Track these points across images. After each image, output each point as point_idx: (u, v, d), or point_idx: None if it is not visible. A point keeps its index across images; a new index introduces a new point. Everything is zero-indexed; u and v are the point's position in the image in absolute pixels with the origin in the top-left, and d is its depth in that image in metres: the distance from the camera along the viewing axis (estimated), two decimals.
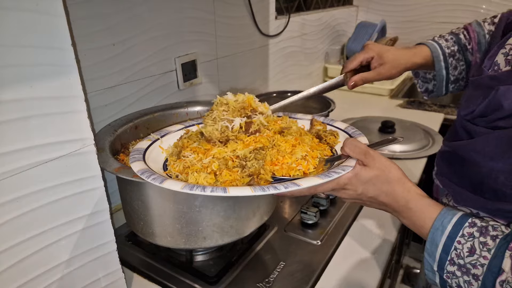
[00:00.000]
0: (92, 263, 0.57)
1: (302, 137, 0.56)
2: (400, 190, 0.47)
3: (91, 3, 0.71)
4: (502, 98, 0.46)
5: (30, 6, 0.40)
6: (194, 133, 0.60)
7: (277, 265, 0.69)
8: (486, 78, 0.49)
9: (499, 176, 0.48)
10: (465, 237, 0.42)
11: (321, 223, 0.81)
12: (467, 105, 0.52)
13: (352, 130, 0.60)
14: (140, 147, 0.56)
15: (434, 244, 0.44)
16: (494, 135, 0.48)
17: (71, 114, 0.48)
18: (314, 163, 0.51)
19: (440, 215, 0.44)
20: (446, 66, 0.74)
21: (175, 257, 0.72)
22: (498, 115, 0.47)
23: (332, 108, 1.09)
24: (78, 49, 0.70)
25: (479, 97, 0.50)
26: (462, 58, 0.75)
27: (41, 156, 0.46)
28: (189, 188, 0.42)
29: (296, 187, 0.43)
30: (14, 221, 0.46)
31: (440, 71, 0.75)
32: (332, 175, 0.45)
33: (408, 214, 0.47)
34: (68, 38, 0.44)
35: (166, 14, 0.89)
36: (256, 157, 0.50)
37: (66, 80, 0.46)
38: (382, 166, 0.47)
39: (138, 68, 0.85)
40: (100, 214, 0.56)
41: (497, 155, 0.48)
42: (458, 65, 0.75)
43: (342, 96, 1.72)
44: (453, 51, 0.74)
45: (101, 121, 0.78)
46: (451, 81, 0.76)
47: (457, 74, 0.76)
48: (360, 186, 0.48)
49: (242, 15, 1.17)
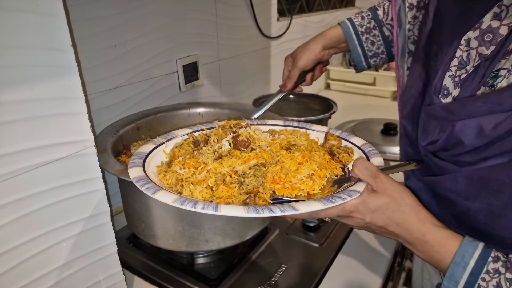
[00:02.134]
0: (92, 266, 0.57)
1: (312, 154, 0.52)
2: (414, 221, 0.43)
3: (93, 4, 0.71)
4: (460, 134, 0.43)
5: (30, 7, 0.40)
6: (186, 142, 0.58)
7: (279, 268, 0.69)
8: (438, 108, 0.46)
9: (478, 216, 0.45)
10: (490, 273, 0.39)
11: (323, 226, 0.80)
12: (425, 135, 0.49)
13: (369, 149, 0.55)
14: (142, 151, 0.54)
15: (454, 280, 0.40)
16: (463, 175, 0.45)
17: (72, 116, 0.48)
18: (320, 183, 0.47)
19: (460, 248, 0.41)
20: (360, 44, 0.78)
21: (176, 259, 0.71)
22: (460, 150, 0.44)
23: (334, 110, 1.08)
24: (80, 50, 0.70)
25: (436, 127, 0.47)
26: (379, 34, 0.77)
27: (41, 158, 0.46)
28: (180, 203, 0.41)
29: (294, 211, 0.40)
30: (14, 223, 0.45)
31: (354, 48, 0.78)
32: (336, 201, 0.41)
33: (425, 247, 0.43)
34: (68, 39, 0.44)
35: (167, 16, 0.89)
36: (255, 173, 0.47)
37: (67, 82, 0.46)
38: (393, 192, 0.43)
39: (139, 69, 0.85)
40: (101, 216, 0.56)
41: (470, 195, 0.45)
42: (375, 40, 0.77)
43: (344, 98, 1.72)
44: (368, 28, 0.77)
45: (103, 123, 0.78)
46: (370, 56, 0.79)
47: (375, 49, 0.78)
48: (368, 214, 0.43)
49: (244, 16, 1.17)
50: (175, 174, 0.48)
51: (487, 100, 0.40)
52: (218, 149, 0.52)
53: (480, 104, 0.41)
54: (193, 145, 0.56)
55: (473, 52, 0.43)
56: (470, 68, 0.44)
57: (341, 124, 1.36)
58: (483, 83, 0.42)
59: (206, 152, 0.51)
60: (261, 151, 0.51)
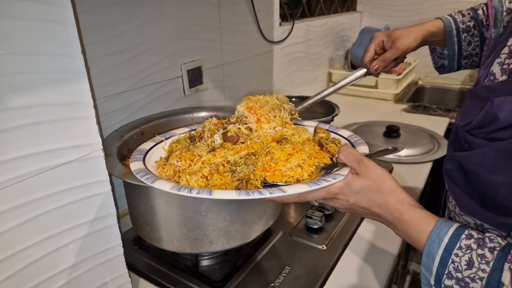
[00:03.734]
0: (99, 267, 0.58)
1: (303, 146, 0.55)
2: (393, 201, 0.46)
3: (100, 11, 0.73)
4: (497, 109, 0.45)
5: (42, 16, 0.42)
6: (183, 138, 0.61)
7: (282, 270, 0.69)
8: (482, 89, 0.48)
9: (500, 189, 0.47)
10: (462, 249, 0.41)
11: (327, 228, 0.81)
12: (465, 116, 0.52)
13: (355, 139, 0.59)
14: (143, 148, 0.58)
15: (431, 257, 0.43)
16: (492, 147, 0.47)
17: (80, 120, 0.49)
18: (309, 170, 0.51)
19: (435, 227, 0.43)
20: (458, 41, 0.74)
21: (181, 261, 0.72)
22: (494, 127, 0.46)
23: (337, 113, 1.09)
24: (88, 56, 0.72)
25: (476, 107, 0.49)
26: (478, 34, 0.74)
27: (50, 161, 0.47)
28: (177, 189, 0.43)
29: (282, 193, 0.43)
30: (24, 225, 0.46)
31: (452, 45, 0.75)
32: (321, 183, 0.45)
33: (403, 226, 0.46)
34: (78, 46, 0.46)
35: (172, 22, 0.90)
36: (246, 162, 0.50)
37: (76, 87, 0.47)
38: (375, 176, 0.46)
39: (145, 74, 0.86)
40: (108, 218, 0.57)
41: (496, 167, 0.47)
42: (472, 40, 0.74)
43: (347, 101, 1.72)
44: (468, 27, 0.73)
45: (109, 127, 0.79)
46: (464, 56, 0.76)
47: (471, 49, 0.75)
48: (352, 196, 0.47)
49: (247, 21, 1.18)
50: (173, 166, 0.52)
51: None
52: (211, 143, 0.55)
53: None
54: (190, 140, 0.59)
55: None
56: None
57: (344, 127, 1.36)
58: None
59: (201, 146, 0.55)
60: (252, 143, 0.54)
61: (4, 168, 0.43)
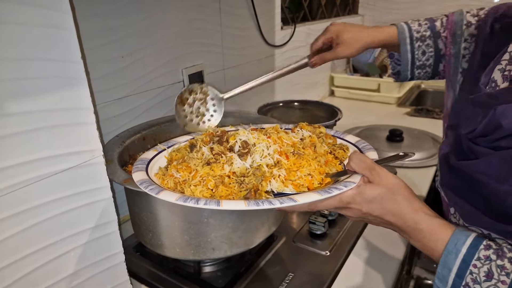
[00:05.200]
0: (100, 275, 0.57)
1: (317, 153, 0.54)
2: (408, 210, 0.44)
3: (101, 16, 0.73)
4: (500, 117, 0.44)
5: (42, 20, 0.41)
6: (183, 146, 0.60)
7: (286, 276, 0.68)
8: (484, 96, 0.48)
9: (507, 198, 0.46)
10: (481, 260, 0.40)
11: (330, 234, 0.80)
12: (468, 124, 0.51)
13: (363, 144, 0.58)
14: (145, 157, 0.57)
15: (447, 267, 0.41)
16: (497, 156, 0.46)
17: (81, 126, 0.49)
18: (319, 178, 0.49)
19: (453, 236, 0.42)
20: (411, 50, 0.74)
21: (183, 268, 0.71)
22: (498, 135, 0.45)
23: (339, 117, 1.08)
24: (88, 61, 0.72)
25: (479, 115, 0.48)
26: (432, 45, 0.74)
27: (51, 168, 0.47)
28: (183, 200, 0.42)
29: (293, 202, 0.42)
30: (24, 233, 0.46)
31: (405, 53, 0.75)
32: (332, 191, 0.43)
33: (418, 235, 0.44)
34: (78, 51, 0.45)
35: (173, 26, 0.90)
36: (254, 173, 0.48)
37: (76, 92, 0.47)
38: (388, 183, 0.45)
39: (146, 79, 0.86)
40: (109, 225, 0.56)
41: (501, 176, 0.46)
42: (426, 50, 0.74)
43: (349, 105, 1.72)
44: (423, 36, 0.73)
45: (110, 132, 0.79)
46: (417, 66, 0.76)
47: (425, 60, 0.75)
48: (365, 204, 0.45)
49: (248, 26, 1.18)
50: (172, 177, 0.50)
51: None
52: (201, 156, 0.53)
53: None
54: (190, 149, 0.58)
55: None
56: None
57: (346, 131, 1.36)
58: None
59: (194, 158, 0.53)
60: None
61: (4, 175, 0.42)
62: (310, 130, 0.60)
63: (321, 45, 0.78)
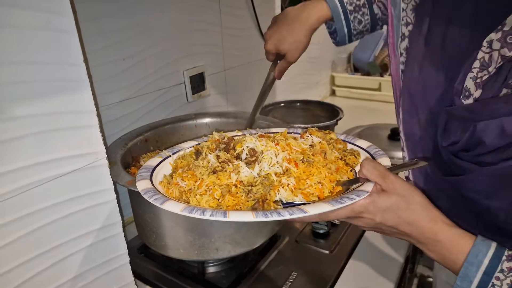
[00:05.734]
0: (105, 277, 0.57)
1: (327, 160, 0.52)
2: (425, 220, 0.42)
3: (102, 19, 0.73)
4: (482, 134, 0.43)
5: (42, 24, 0.42)
6: (188, 153, 0.57)
7: (289, 275, 0.68)
8: (460, 109, 0.46)
9: (499, 214, 0.45)
10: (504, 272, 0.38)
11: (333, 233, 0.80)
12: (447, 136, 0.49)
13: (375, 150, 0.55)
14: (150, 165, 0.55)
15: (467, 280, 0.40)
16: (483, 173, 0.44)
17: (84, 129, 0.49)
18: (330, 187, 0.47)
19: (474, 247, 0.40)
20: (347, 24, 0.75)
21: (187, 269, 0.71)
22: (481, 150, 0.44)
23: (341, 117, 1.08)
24: (90, 64, 0.72)
25: (457, 128, 0.47)
26: (368, 12, 0.74)
27: (54, 171, 0.47)
28: (189, 211, 0.41)
29: (303, 213, 0.40)
30: (29, 236, 0.46)
31: (341, 29, 0.76)
32: (344, 201, 0.41)
33: (436, 247, 0.42)
34: (80, 54, 0.46)
35: (174, 28, 0.90)
36: (262, 182, 0.47)
37: (79, 96, 0.47)
38: (403, 191, 0.43)
39: (147, 81, 0.86)
40: (113, 227, 0.56)
41: (491, 193, 0.45)
42: (362, 19, 0.75)
43: (350, 104, 1.72)
44: (357, 6, 0.74)
45: (113, 135, 0.79)
46: (354, 35, 0.77)
47: (361, 27, 0.76)
48: (378, 214, 0.43)
49: (248, 26, 1.18)
50: (178, 186, 0.49)
51: (509, 101, 0.40)
52: (207, 163, 0.51)
53: (502, 105, 0.41)
54: (195, 156, 0.55)
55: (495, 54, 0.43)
56: (492, 70, 0.44)
57: (348, 130, 1.36)
58: (505, 85, 0.42)
59: (200, 166, 0.51)
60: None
61: (8, 179, 0.42)
62: (320, 136, 0.58)
63: (273, 56, 0.81)
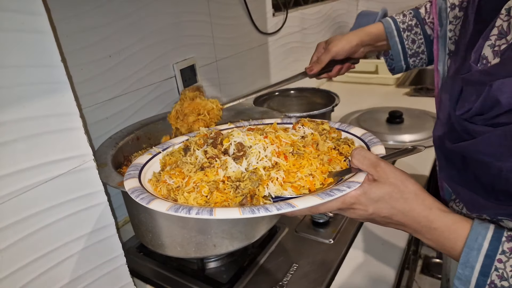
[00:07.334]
0: (103, 278, 0.57)
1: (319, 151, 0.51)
2: (420, 208, 0.41)
3: (82, 16, 0.71)
4: (498, 93, 0.41)
5: (15, 25, 0.40)
6: (177, 149, 0.57)
7: (290, 267, 0.68)
8: (477, 74, 0.45)
9: (510, 176, 0.43)
10: (506, 253, 0.37)
11: (333, 221, 0.79)
12: (461, 104, 0.48)
13: (369, 138, 0.54)
14: (139, 162, 0.54)
15: (469, 266, 0.38)
16: (497, 133, 0.43)
17: (68, 132, 0.47)
18: (321, 179, 0.46)
19: (472, 231, 0.39)
20: (400, 40, 0.77)
21: (187, 265, 0.71)
22: (496, 112, 0.43)
23: (337, 103, 1.06)
24: (73, 64, 0.70)
25: (472, 94, 0.46)
26: (421, 32, 0.76)
27: (41, 176, 0.46)
28: (174, 210, 0.40)
29: (291, 208, 0.39)
30: (21, 242, 0.46)
31: (395, 45, 0.78)
32: (334, 194, 0.40)
33: (433, 235, 0.42)
34: (57, 55, 0.44)
35: (161, 20, 0.88)
36: (250, 177, 0.46)
37: (59, 98, 0.45)
38: (395, 180, 0.42)
39: (136, 77, 0.84)
40: (106, 229, 0.55)
41: (503, 154, 0.43)
42: (416, 38, 0.77)
43: (347, 89, 1.69)
44: (410, 26, 0.76)
45: (103, 135, 0.78)
46: (410, 55, 0.78)
47: (416, 48, 0.77)
48: (371, 205, 0.42)
49: (238, 14, 1.15)
50: (165, 184, 0.48)
51: None
52: (195, 160, 0.50)
53: None
54: (184, 151, 0.55)
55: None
56: (510, 39, 0.42)
57: (345, 116, 1.34)
58: None
59: (187, 164, 0.50)
60: None
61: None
62: (312, 127, 0.57)
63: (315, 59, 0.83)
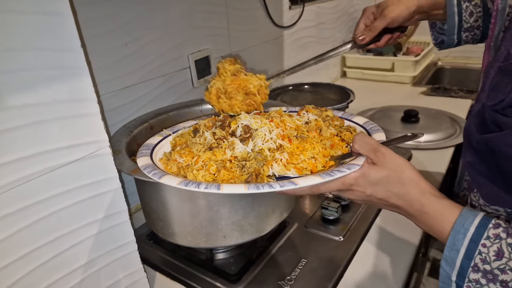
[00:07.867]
0: (113, 264, 0.57)
1: (322, 136, 0.53)
2: (414, 192, 0.43)
3: (101, 3, 0.71)
4: None
5: (35, 8, 0.40)
6: (187, 131, 0.60)
7: (299, 262, 0.68)
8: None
9: None
10: (490, 239, 0.38)
11: (343, 219, 0.78)
12: (495, 94, 0.47)
13: (371, 126, 0.57)
14: (150, 143, 0.58)
15: (455, 249, 0.40)
16: None
17: (85, 117, 0.48)
18: (323, 161, 0.49)
19: (460, 216, 0.40)
20: (459, 11, 0.68)
21: (196, 255, 0.72)
22: None
23: (352, 99, 1.05)
24: (92, 50, 0.70)
25: (508, 85, 0.45)
26: (480, 4, 0.69)
27: (57, 161, 0.46)
28: (185, 184, 0.43)
29: (293, 186, 0.42)
30: (34, 225, 0.46)
31: (452, 16, 0.69)
32: (334, 174, 0.43)
33: (425, 218, 0.43)
34: (77, 39, 0.44)
35: (177, 10, 0.87)
36: (256, 157, 0.49)
37: (78, 83, 0.46)
38: (393, 165, 0.43)
39: (152, 67, 0.85)
40: (119, 215, 0.56)
41: None
42: (474, 11, 0.69)
43: (362, 86, 1.67)
44: None
45: (118, 122, 0.78)
46: (465, 29, 0.70)
47: (473, 21, 0.69)
48: (369, 187, 0.44)
49: (254, 7, 1.14)
50: (176, 162, 0.51)
51: None
52: (204, 141, 0.54)
53: None
54: (193, 134, 0.58)
55: None
56: None
57: (360, 113, 1.32)
58: None
59: (197, 143, 0.53)
60: None
61: (9, 169, 0.42)
62: (316, 113, 0.60)
63: (363, 27, 0.72)
